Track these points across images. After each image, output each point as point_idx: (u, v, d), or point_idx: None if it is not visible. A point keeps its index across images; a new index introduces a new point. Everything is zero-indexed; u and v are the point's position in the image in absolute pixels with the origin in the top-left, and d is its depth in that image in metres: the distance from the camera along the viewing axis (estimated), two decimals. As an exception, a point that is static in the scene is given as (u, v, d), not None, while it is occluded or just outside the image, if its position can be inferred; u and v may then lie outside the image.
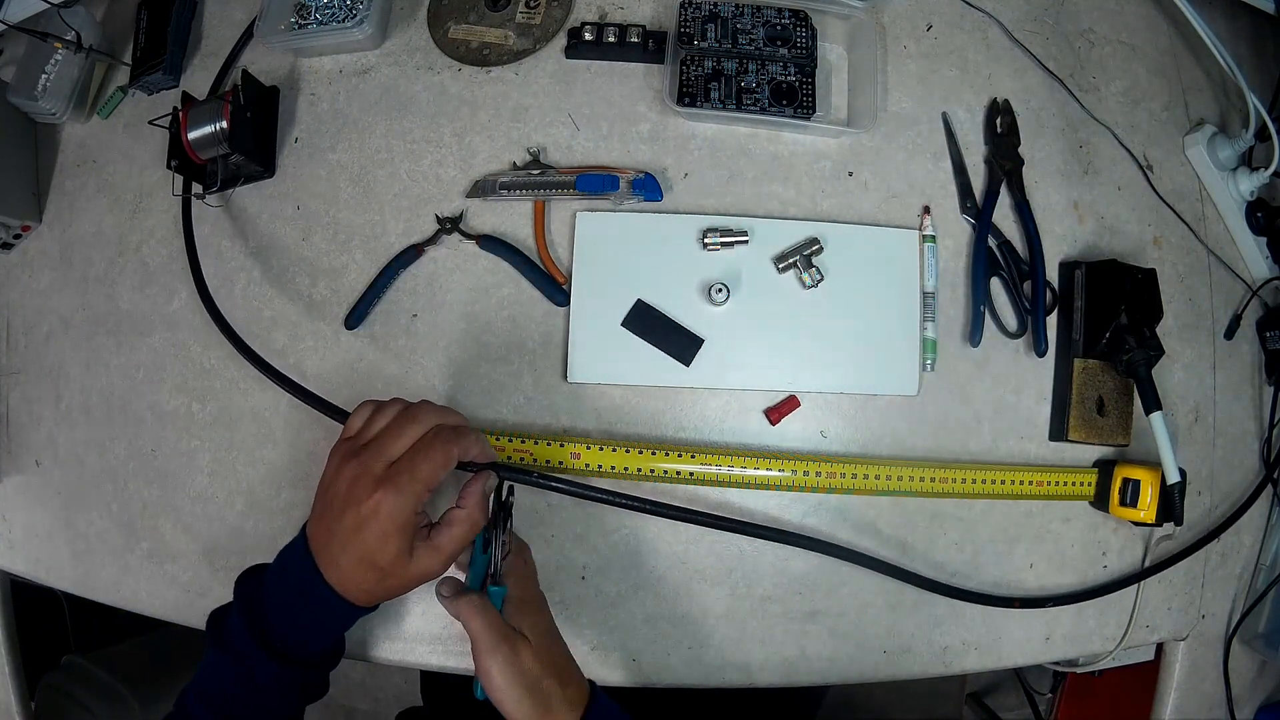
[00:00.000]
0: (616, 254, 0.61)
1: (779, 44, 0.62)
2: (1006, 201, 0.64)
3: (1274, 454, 0.66)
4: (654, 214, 0.61)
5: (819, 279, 0.60)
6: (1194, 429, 0.66)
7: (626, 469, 0.57)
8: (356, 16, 0.63)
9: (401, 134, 0.64)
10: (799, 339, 0.61)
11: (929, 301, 0.61)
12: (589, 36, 0.63)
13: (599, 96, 0.63)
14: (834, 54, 0.65)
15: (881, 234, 0.62)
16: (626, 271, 0.60)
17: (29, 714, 0.72)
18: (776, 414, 0.60)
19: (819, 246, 0.60)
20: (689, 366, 0.60)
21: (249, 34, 0.66)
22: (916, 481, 0.59)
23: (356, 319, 0.61)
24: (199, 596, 0.62)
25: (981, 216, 0.63)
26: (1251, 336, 0.68)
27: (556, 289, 0.60)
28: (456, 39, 0.65)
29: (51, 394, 0.66)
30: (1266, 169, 0.64)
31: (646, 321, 0.60)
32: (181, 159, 0.62)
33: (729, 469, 0.58)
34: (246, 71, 0.63)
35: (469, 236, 0.61)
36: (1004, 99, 0.65)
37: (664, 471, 0.58)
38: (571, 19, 0.65)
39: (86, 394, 0.65)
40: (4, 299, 0.69)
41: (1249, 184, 0.66)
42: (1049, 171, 0.65)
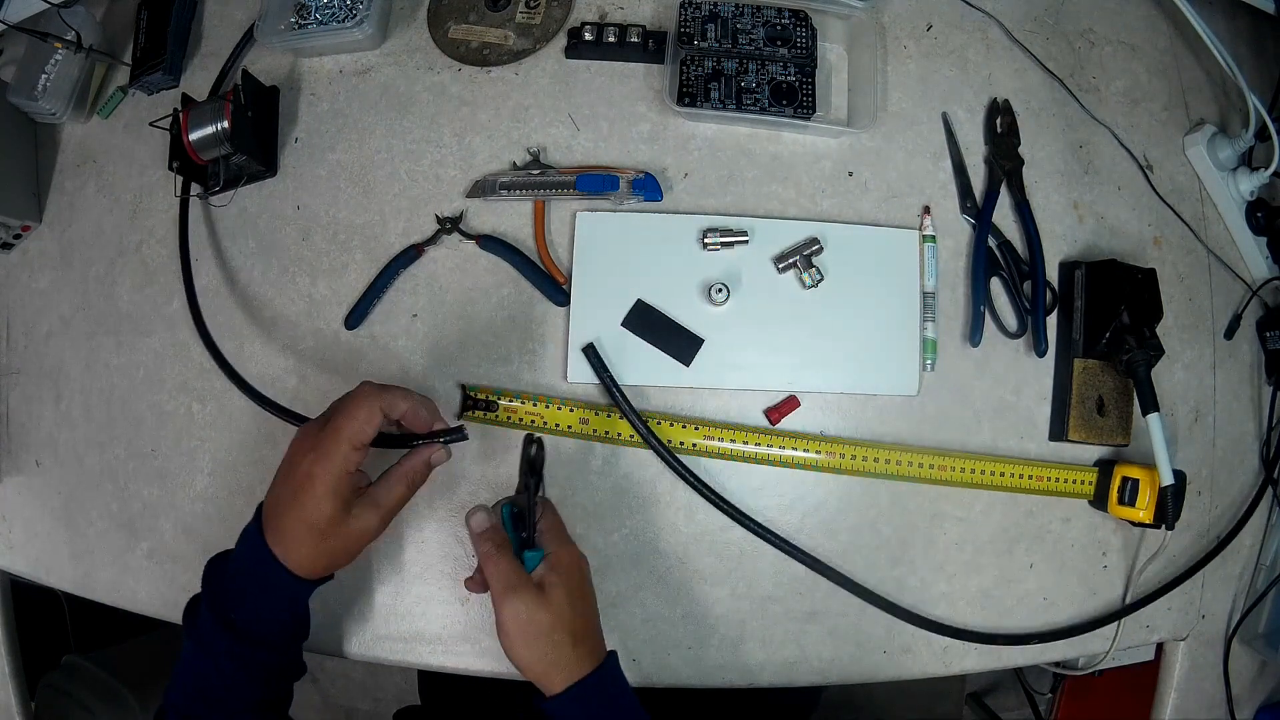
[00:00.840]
0: (616, 254, 0.61)
1: (779, 44, 0.62)
2: (1006, 201, 0.64)
3: (1274, 454, 0.66)
4: (654, 214, 0.61)
5: (819, 279, 0.60)
6: (1194, 429, 0.66)
7: (632, 436, 0.58)
8: (356, 16, 0.63)
9: (401, 134, 0.64)
10: (799, 339, 0.61)
11: (929, 301, 0.61)
12: (589, 36, 0.63)
13: (599, 96, 0.63)
14: (834, 54, 0.65)
15: (881, 234, 0.62)
16: (626, 271, 0.60)
17: (29, 714, 0.72)
18: (777, 414, 0.60)
19: (819, 246, 0.60)
20: (689, 366, 0.60)
21: (249, 34, 0.66)
22: (916, 467, 0.59)
23: (356, 319, 0.61)
24: (199, 596, 0.62)
25: (981, 216, 0.62)
26: (1251, 336, 0.68)
27: (556, 289, 0.60)
28: (456, 39, 0.65)
29: (51, 394, 0.66)
30: (1266, 169, 0.64)
31: (646, 321, 0.60)
32: (183, 160, 0.62)
33: (735, 444, 0.59)
34: (247, 71, 0.63)
35: (469, 236, 0.61)
36: (1004, 99, 0.65)
37: (668, 441, 0.58)
38: (571, 19, 0.65)
39: (86, 394, 0.65)
40: (4, 299, 0.69)
41: (1249, 184, 0.66)
42: (1049, 171, 0.65)
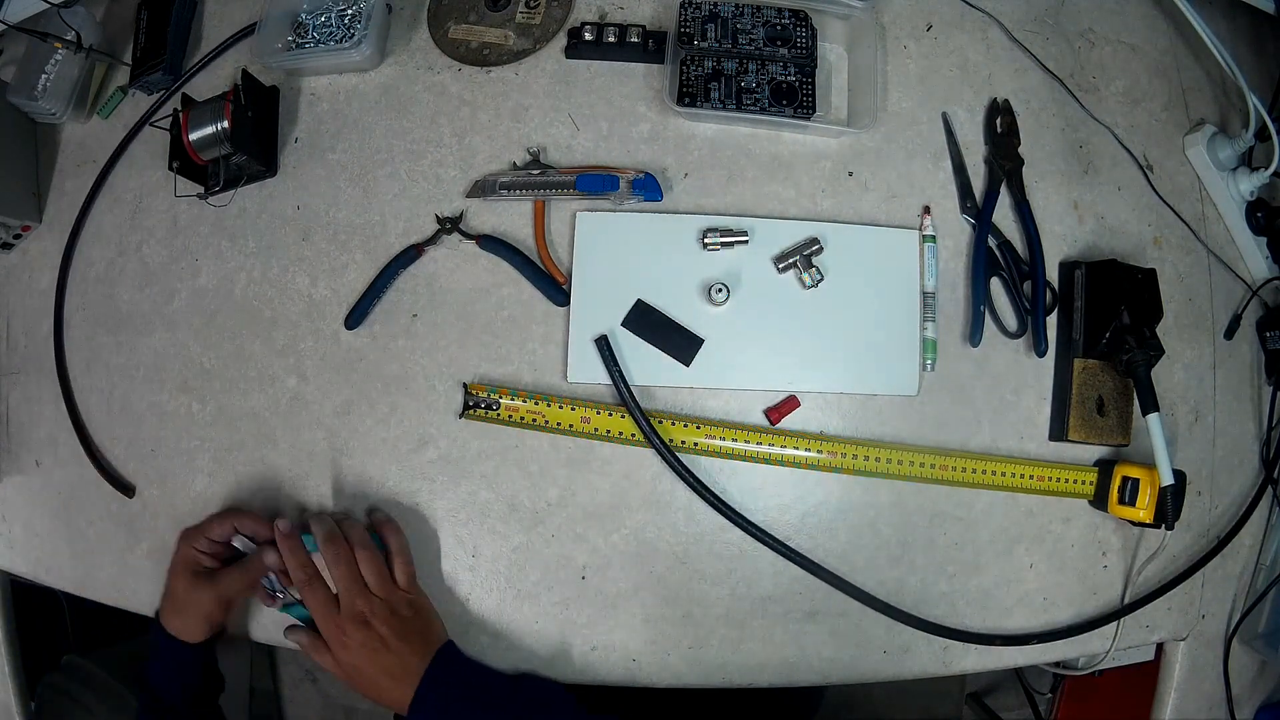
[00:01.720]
0: (616, 254, 0.61)
1: (779, 44, 0.62)
2: (1006, 201, 0.64)
3: (1274, 454, 0.66)
4: (654, 214, 0.61)
5: (819, 279, 0.60)
6: (1194, 429, 0.66)
7: (633, 435, 0.58)
8: (354, 37, 0.62)
9: (401, 134, 0.64)
10: (799, 339, 0.61)
11: (929, 301, 0.61)
12: (589, 36, 0.63)
13: (599, 96, 0.63)
14: (834, 54, 0.65)
15: (881, 234, 0.62)
16: (626, 271, 0.60)
17: (29, 714, 0.72)
18: (777, 414, 0.60)
19: (819, 246, 0.60)
20: (689, 366, 0.60)
21: (249, 33, 0.66)
22: (916, 467, 0.59)
23: (356, 319, 0.61)
24: (199, 596, 0.62)
25: (981, 216, 0.62)
26: (1251, 336, 0.68)
27: (556, 289, 0.60)
28: (456, 39, 0.65)
29: (51, 394, 0.66)
30: (1266, 169, 0.64)
31: (646, 321, 0.60)
32: (183, 160, 0.62)
33: (736, 443, 0.59)
34: (247, 71, 0.63)
35: (469, 236, 0.61)
36: (1004, 99, 0.65)
37: (670, 440, 0.58)
38: (571, 19, 0.65)
39: (86, 394, 0.65)
40: (4, 299, 0.69)
41: (1249, 184, 0.66)
42: (1049, 171, 0.65)
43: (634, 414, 0.58)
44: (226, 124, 0.59)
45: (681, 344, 0.60)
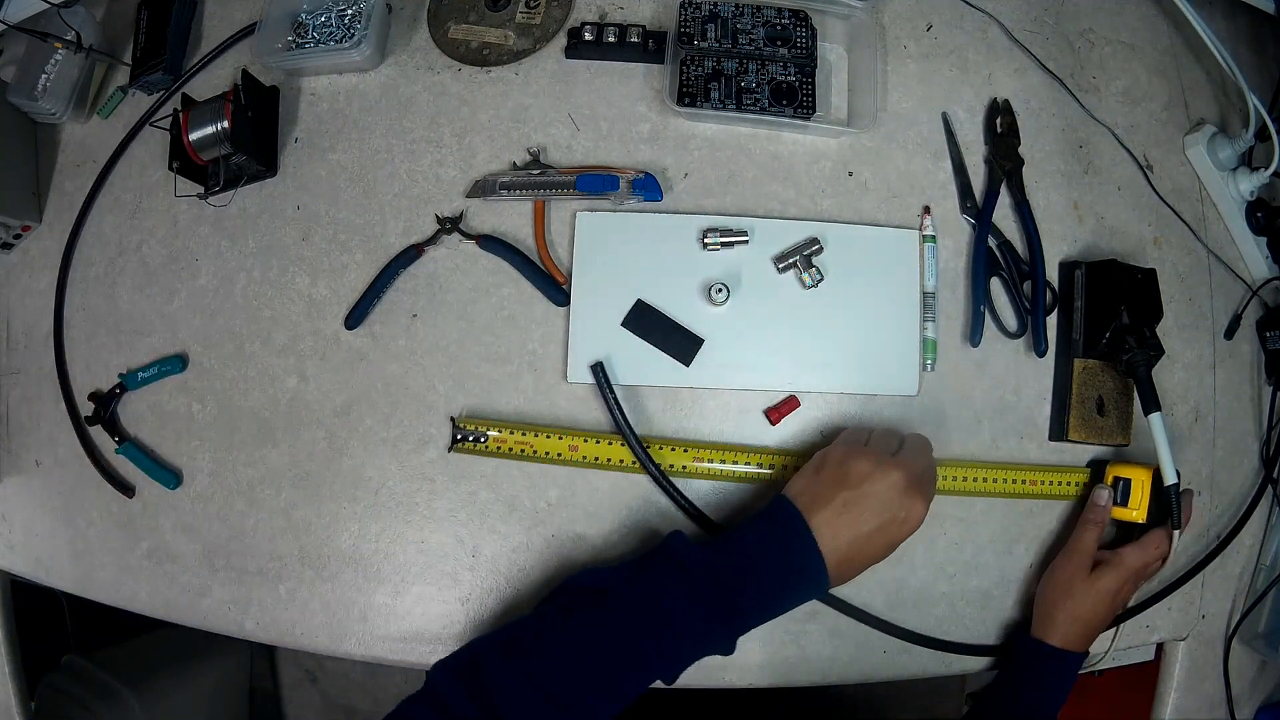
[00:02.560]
0: (616, 254, 0.61)
1: (779, 44, 0.62)
2: (1006, 201, 0.64)
3: (1274, 454, 0.66)
4: (654, 214, 0.61)
5: (819, 279, 0.60)
6: (1194, 429, 0.66)
7: (623, 461, 0.58)
8: (354, 37, 0.62)
9: (401, 134, 0.64)
10: (799, 339, 0.61)
11: (929, 301, 0.61)
12: (589, 36, 0.63)
13: (599, 96, 0.63)
14: (834, 54, 0.65)
15: (881, 234, 0.62)
16: (626, 271, 0.60)
17: (29, 714, 0.72)
18: (777, 414, 0.60)
19: (819, 246, 0.60)
20: (689, 366, 0.60)
21: (249, 33, 0.66)
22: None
23: (356, 319, 0.61)
24: (199, 596, 0.62)
25: (981, 216, 0.63)
26: (1251, 336, 0.68)
27: (556, 289, 0.60)
28: (456, 39, 0.65)
29: (51, 394, 0.66)
30: (1266, 169, 0.64)
31: (646, 321, 0.60)
32: (183, 160, 0.62)
33: (725, 465, 0.58)
34: (247, 71, 0.63)
35: (469, 236, 0.61)
36: (1004, 99, 0.65)
37: (668, 466, 0.58)
38: (571, 19, 0.65)
39: (86, 394, 0.65)
40: (4, 299, 0.69)
41: (1249, 184, 0.66)
42: (1049, 171, 0.65)
43: (630, 442, 0.57)
44: (226, 124, 0.59)
45: (681, 344, 0.60)
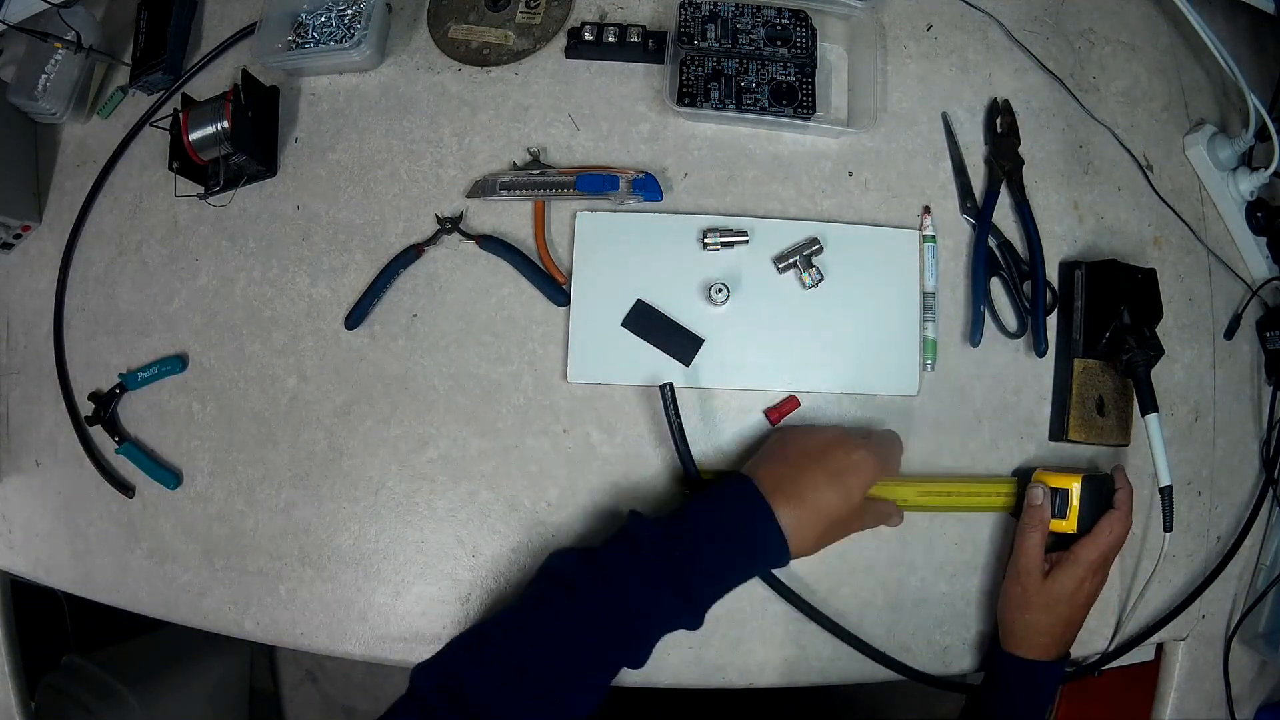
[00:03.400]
0: (616, 254, 0.61)
1: (779, 44, 0.62)
2: (1006, 201, 0.64)
3: (1274, 454, 0.66)
4: (654, 214, 0.61)
5: (819, 279, 0.60)
6: (1194, 429, 0.66)
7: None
8: (354, 37, 0.62)
9: (401, 134, 0.64)
10: (799, 339, 0.61)
11: (929, 301, 0.61)
12: (589, 36, 0.63)
13: (599, 96, 0.63)
14: (834, 54, 0.65)
15: (881, 234, 0.62)
16: (626, 271, 0.60)
17: (29, 714, 0.72)
18: (776, 414, 0.60)
19: (819, 246, 0.60)
20: (689, 366, 0.60)
21: (249, 33, 0.66)
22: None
23: (356, 319, 0.61)
24: (199, 596, 0.62)
25: (981, 216, 0.62)
26: (1251, 336, 0.68)
27: (556, 289, 0.60)
28: (456, 39, 0.65)
29: (51, 394, 0.66)
30: (1266, 169, 0.64)
31: (646, 321, 0.60)
32: (183, 160, 0.62)
33: None
34: (247, 71, 0.63)
35: (469, 236, 0.61)
36: (1004, 99, 0.65)
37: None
38: (571, 19, 0.65)
39: (86, 394, 0.65)
40: (4, 299, 0.69)
41: (1249, 184, 0.66)
42: (1049, 171, 0.65)
43: (688, 469, 0.57)
44: (226, 124, 0.59)
45: (681, 344, 0.60)
